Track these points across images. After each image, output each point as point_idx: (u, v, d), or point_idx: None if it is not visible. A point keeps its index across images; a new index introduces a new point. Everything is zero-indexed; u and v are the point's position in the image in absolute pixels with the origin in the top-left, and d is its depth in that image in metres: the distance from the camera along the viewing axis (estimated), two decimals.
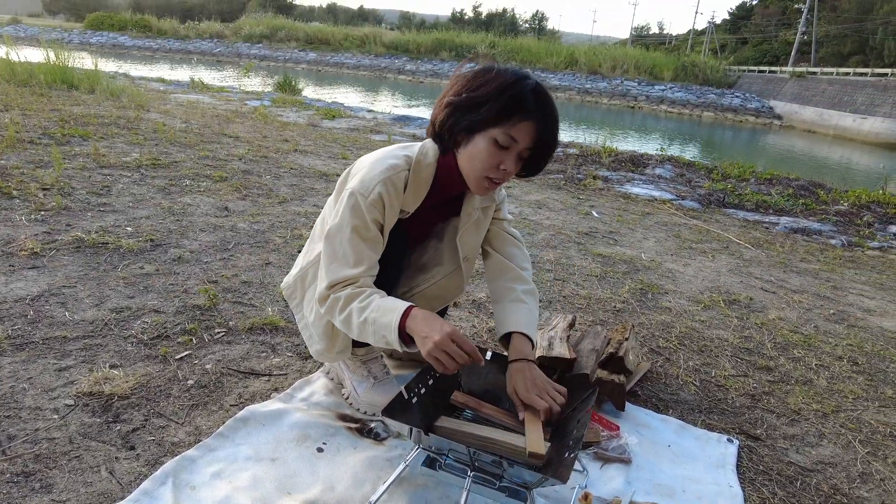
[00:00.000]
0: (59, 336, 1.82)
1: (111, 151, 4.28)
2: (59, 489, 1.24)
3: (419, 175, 1.45)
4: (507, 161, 1.37)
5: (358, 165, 1.50)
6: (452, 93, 1.39)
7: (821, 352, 2.51)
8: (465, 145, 1.40)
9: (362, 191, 1.39)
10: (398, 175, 1.42)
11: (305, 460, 1.42)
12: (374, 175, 1.40)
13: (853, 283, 3.67)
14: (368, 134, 7.37)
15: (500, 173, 1.39)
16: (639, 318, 2.63)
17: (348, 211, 1.39)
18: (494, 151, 1.36)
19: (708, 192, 6.15)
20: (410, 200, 1.46)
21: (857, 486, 1.62)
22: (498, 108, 1.33)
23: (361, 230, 1.39)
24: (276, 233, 3.09)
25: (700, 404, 1.95)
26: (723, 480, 1.54)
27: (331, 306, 1.41)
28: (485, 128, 1.35)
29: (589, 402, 1.37)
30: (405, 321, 1.30)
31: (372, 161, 1.45)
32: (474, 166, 1.39)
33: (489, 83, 1.35)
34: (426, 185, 1.46)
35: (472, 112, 1.35)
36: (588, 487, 1.45)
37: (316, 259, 1.57)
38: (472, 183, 1.43)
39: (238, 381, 1.75)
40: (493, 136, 1.34)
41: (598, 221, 4.46)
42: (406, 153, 1.47)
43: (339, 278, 1.39)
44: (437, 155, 1.46)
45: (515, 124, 1.33)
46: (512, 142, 1.35)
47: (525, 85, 1.34)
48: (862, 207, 5.88)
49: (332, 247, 1.41)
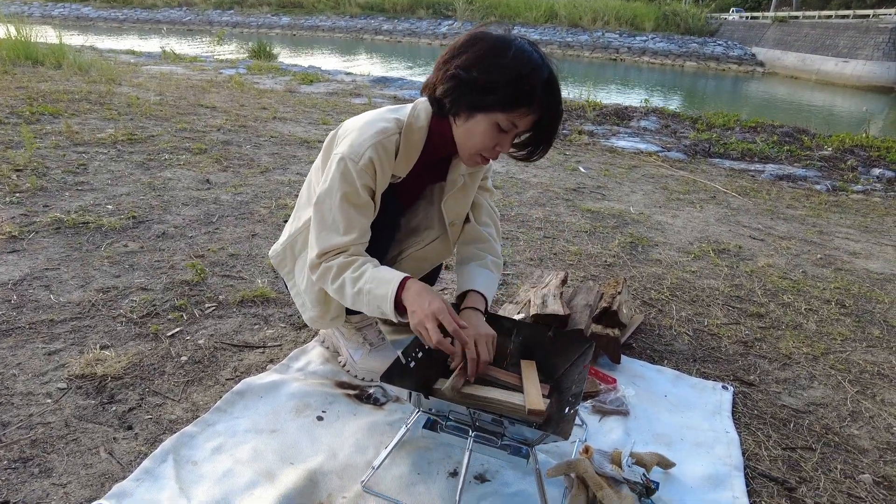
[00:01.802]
0: (45, 320, 1.78)
1: (84, 128, 4.14)
2: (58, 473, 1.23)
3: (411, 139, 1.40)
4: (503, 143, 1.35)
5: (346, 128, 1.45)
6: (461, 64, 1.30)
7: (809, 296, 2.54)
8: (465, 121, 1.35)
9: (352, 156, 1.34)
10: (389, 139, 1.37)
11: (306, 430, 1.42)
12: (365, 139, 1.35)
13: (839, 227, 3.71)
14: (348, 97, 7.21)
15: (494, 153, 1.37)
16: (630, 271, 2.64)
17: (338, 177, 1.35)
18: (494, 134, 1.33)
19: (693, 142, 6.12)
20: (402, 165, 1.42)
21: (848, 424, 1.66)
22: (508, 98, 1.28)
23: (352, 196, 1.36)
24: (260, 203, 3.04)
25: (694, 353, 1.98)
26: (719, 426, 1.57)
27: (322, 275, 1.38)
28: (489, 111, 1.30)
29: (586, 357, 1.38)
30: (401, 293, 1.29)
31: (361, 124, 1.40)
32: (471, 143, 1.36)
33: (504, 69, 1.27)
34: (417, 149, 1.42)
35: (479, 93, 1.29)
36: (588, 440, 1.47)
37: (304, 226, 1.53)
38: (465, 156, 1.41)
39: (232, 354, 1.73)
40: (496, 121, 1.31)
41: (585, 177, 4.43)
42: (397, 116, 1.42)
43: (330, 246, 1.36)
44: (430, 117, 1.41)
45: (521, 115, 1.30)
46: (513, 127, 1.32)
47: (539, 77, 1.28)
48: (846, 152, 5.89)
49: (322, 214, 1.38)
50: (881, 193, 4.84)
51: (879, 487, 1.41)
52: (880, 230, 3.71)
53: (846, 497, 1.37)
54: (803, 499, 1.35)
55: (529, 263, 2.60)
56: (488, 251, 1.62)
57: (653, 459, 1.34)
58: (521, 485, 1.30)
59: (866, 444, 1.57)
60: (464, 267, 1.59)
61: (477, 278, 1.53)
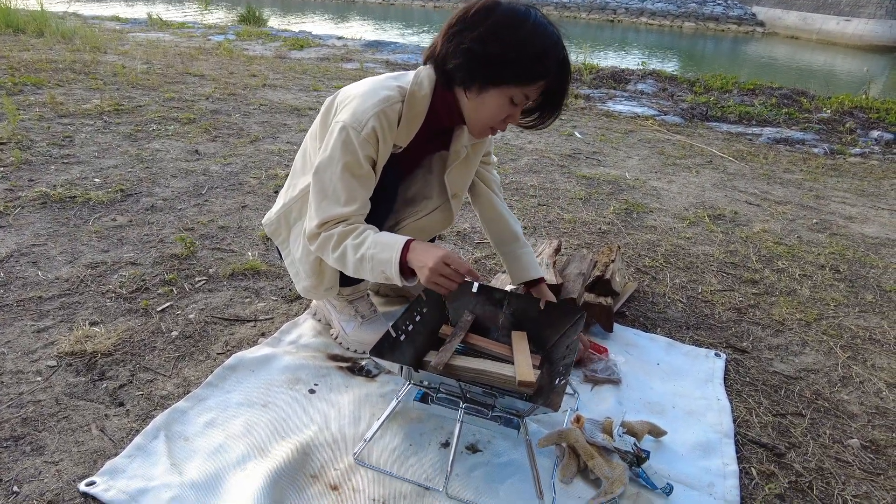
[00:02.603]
0: (33, 297, 1.77)
1: (69, 99, 4.05)
2: (50, 450, 1.23)
3: (413, 108, 1.36)
4: (514, 115, 1.35)
5: (345, 95, 1.40)
6: (476, 37, 1.26)
7: (804, 261, 2.53)
8: (477, 94, 1.32)
9: (355, 125, 1.31)
10: (392, 107, 1.34)
11: (298, 403, 1.42)
12: (367, 108, 1.31)
13: (835, 191, 3.68)
14: (339, 63, 7.06)
15: (504, 124, 1.37)
16: (624, 238, 2.62)
17: (339, 146, 1.32)
18: (507, 107, 1.32)
19: (691, 105, 6.04)
20: (404, 134, 1.39)
21: (838, 389, 1.67)
22: (525, 73, 1.26)
23: (353, 167, 1.33)
24: (249, 174, 2.99)
25: (687, 321, 1.98)
26: (711, 394, 1.58)
27: (322, 244, 1.36)
28: (504, 84, 1.28)
29: (578, 327, 1.37)
30: (406, 255, 1.28)
31: (363, 92, 1.35)
32: (482, 116, 1.35)
33: (523, 44, 1.24)
34: (420, 119, 1.39)
35: (495, 68, 1.27)
36: (580, 410, 1.47)
37: (299, 195, 1.51)
38: (475, 129, 1.40)
39: (223, 328, 1.72)
40: (511, 95, 1.29)
41: (581, 142, 4.37)
42: (399, 83, 1.38)
43: (330, 216, 1.34)
44: (433, 85, 1.37)
45: (536, 89, 1.29)
46: (525, 100, 1.31)
47: (557, 52, 1.27)
48: (845, 114, 5.82)
49: (322, 183, 1.35)
50: (879, 156, 4.80)
51: (867, 451, 1.43)
52: (877, 194, 3.69)
53: (834, 461, 1.39)
54: (792, 464, 1.37)
55: (524, 232, 2.58)
56: (515, 223, 1.74)
57: (644, 428, 1.35)
58: (512, 454, 1.31)
59: (855, 409, 1.59)
60: (510, 251, 1.70)
61: (531, 263, 1.68)
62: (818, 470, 1.35)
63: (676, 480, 1.27)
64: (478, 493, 1.21)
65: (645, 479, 1.24)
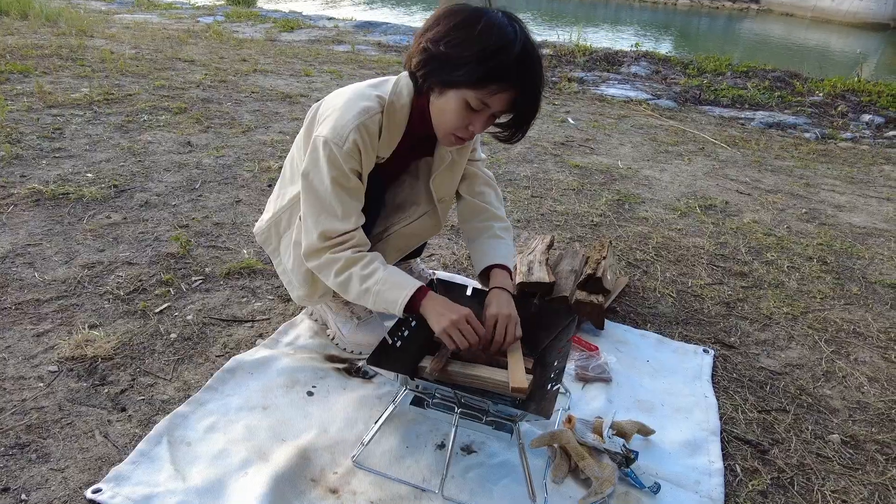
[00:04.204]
0: (31, 299, 1.78)
1: (57, 88, 4.00)
2: (55, 457, 1.26)
3: (393, 118, 1.36)
4: (476, 123, 1.30)
5: (327, 105, 1.40)
6: (431, 37, 1.26)
7: (792, 253, 2.57)
8: (437, 97, 1.31)
9: (336, 140, 1.31)
10: (372, 119, 1.33)
11: (297, 405, 1.46)
12: (347, 121, 1.31)
13: (825, 178, 3.72)
14: (330, 45, 6.98)
15: (468, 133, 1.33)
16: (616, 230, 2.65)
17: (325, 162, 1.32)
18: (465, 113, 1.28)
19: (684, 89, 6.03)
20: (385, 145, 1.39)
21: (822, 384, 1.72)
22: (475, 75, 1.22)
23: (342, 180, 1.34)
24: (242, 166, 2.99)
25: (677, 316, 2.02)
26: (699, 391, 1.62)
27: (326, 265, 1.37)
28: (458, 87, 1.26)
29: (569, 330, 1.40)
30: (419, 301, 1.32)
31: (343, 103, 1.35)
32: (443, 121, 1.33)
33: (470, 43, 1.21)
34: (401, 128, 1.38)
35: (447, 69, 1.25)
36: (571, 409, 1.51)
37: (289, 204, 1.52)
38: (440, 135, 1.38)
39: (221, 329, 1.75)
40: (466, 99, 1.26)
41: (574, 129, 4.37)
42: (378, 92, 1.37)
43: (332, 230, 1.36)
44: (412, 94, 1.36)
45: (492, 93, 1.24)
46: (484, 107, 1.27)
47: (509, 54, 1.21)
48: (837, 97, 5.84)
49: (316, 198, 1.36)
50: (869, 141, 4.83)
51: (846, 447, 1.48)
52: (866, 181, 3.73)
53: (815, 457, 1.44)
54: (774, 460, 1.42)
55: (516, 225, 2.60)
56: (491, 219, 1.62)
57: (633, 428, 1.39)
58: (506, 455, 1.35)
59: (837, 404, 1.64)
60: (475, 243, 1.60)
61: (491, 251, 1.55)
62: (800, 466, 1.41)
63: (664, 479, 1.32)
64: (472, 494, 1.25)
65: (633, 478, 1.29)
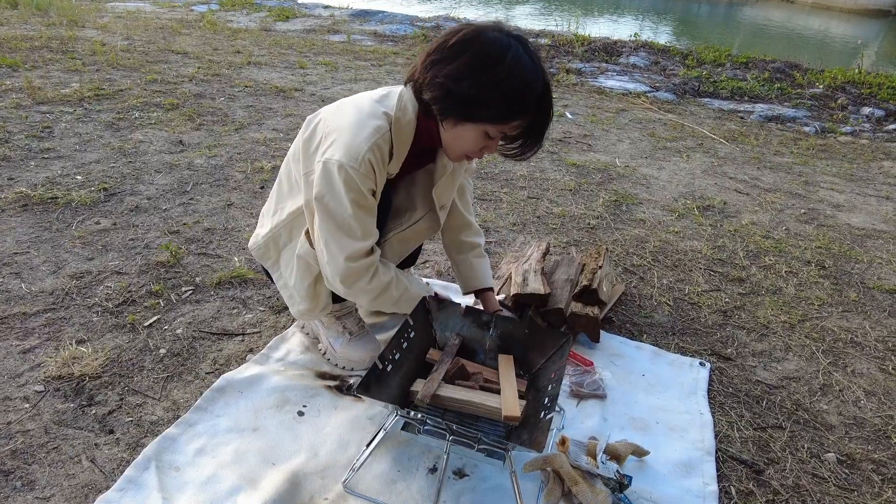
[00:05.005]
0: (18, 313, 1.75)
1: (47, 83, 3.94)
2: (41, 485, 1.24)
3: (401, 136, 1.37)
4: (491, 147, 1.36)
5: (331, 124, 1.38)
6: (451, 73, 1.25)
7: (790, 257, 2.55)
8: (453, 126, 1.33)
9: (352, 163, 1.30)
10: (384, 137, 1.34)
11: (287, 427, 1.44)
12: (360, 142, 1.30)
13: (824, 175, 3.68)
14: (326, 35, 6.88)
15: (480, 154, 1.38)
16: (613, 234, 2.62)
17: (342, 186, 1.31)
18: (482, 141, 1.33)
19: (683, 80, 5.97)
20: (395, 162, 1.40)
21: (818, 399, 1.71)
22: (500, 113, 1.27)
23: (361, 201, 1.34)
24: (235, 167, 2.95)
25: (674, 326, 2.00)
26: (694, 408, 1.61)
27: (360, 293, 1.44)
28: (479, 122, 1.29)
29: (563, 352, 1.38)
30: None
31: (351, 123, 1.33)
32: (458, 146, 1.36)
33: (497, 84, 1.23)
34: (408, 144, 1.39)
35: (470, 107, 1.27)
36: (566, 427, 1.50)
37: (288, 219, 1.50)
38: (451, 156, 1.42)
39: (211, 343, 1.72)
40: (486, 130, 1.30)
41: (572, 124, 4.33)
42: (384, 109, 1.36)
43: (357, 252, 1.37)
44: (416, 109, 1.36)
45: (513, 128, 1.30)
46: (501, 135, 1.32)
47: (533, 93, 1.25)
48: (837, 89, 5.78)
49: (336, 222, 1.35)
50: (869, 135, 4.79)
51: (842, 466, 1.47)
52: (865, 178, 3.70)
53: (810, 477, 1.43)
54: (770, 481, 1.41)
55: (512, 229, 2.58)
56: (475, 235, 1.76)
57: (627, 450, 1.38)
58: (499, 479, 1.33)
59: (834, 420, 1.62)
60: (462, 259, 1.73)
61: (481, 271, 1.71)
62: (795, 487, 1.40)
63: (658, 502, 1.31)
64: None
65: (627, 502, 1.27)
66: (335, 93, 4.37)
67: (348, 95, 1.50)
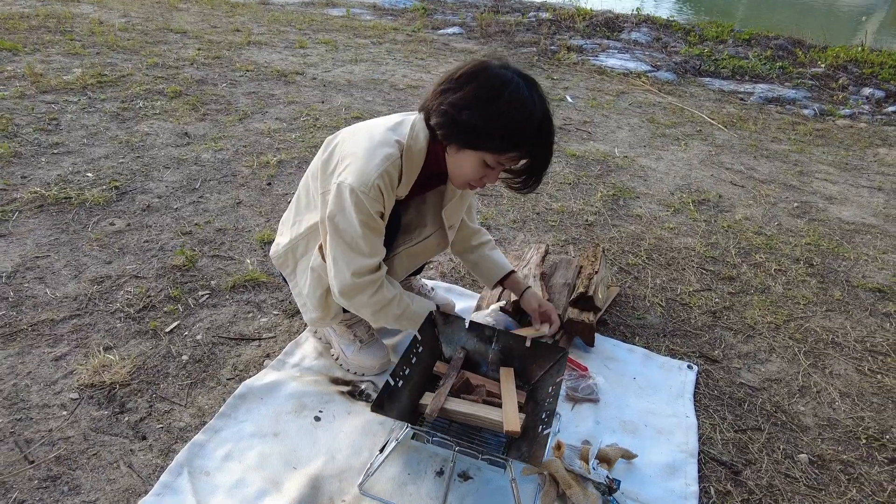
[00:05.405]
0: (46, 319, 1.86)
1: (49, 69, 3.95)
2: (86, 490, 1.37)
3: (411, 162, 1.45)
4: (490, 176, 1.43)
5: (346, 150, 1.47)
6: (455, 102, 1.34)
7: (780, 254, 2.65)
8: (455, 152, 1.41)
9: (362, 188, 1.39)
10: (393, 164, 1.42)
11: (305, 432, 1.56)
12: (371, 169, 1.39)
13: (820, 164, 3.75)
14: (324, 8, 6.81)
15: (482, 183, 1.45)
16: (610, 231, 2.71)
17: (352, 207, 1.41)
18: (481, 170, 1.40)
19: (684, 58, 5.95)
20: (404, 187, 1.49)
21: (796, 400, 1.83)
22: (497, 144, 1.34)
23: (369, 222, 1.44)
24: (241, 161, 3.01)
25: (665, 327, 2.11)
26: (681, 411, 1.73)
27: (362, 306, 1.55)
28: (479, 150, 1.37)
29: (561, 367, 1.49)
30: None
31: (364, 150, 1.43)
32: (460, 173, 1.44)
33: (496, 116, 1.31)
34: (417, 170, 1.48)
35: (469, 135, 1.35)
36: (561, 431, 1.62)
37: (306, 232, 1.61)
38: (455, 183, 1.50)
39: (230, 349, 1.83)
40: (484, 159, 1.37)
41: (572, 109, 4.36)
42: (397, 137, 1.45)
43: (362, 268, 1.48)
44: (427, 138, 1.44)
45: (510, 159, 1.37)
46: (500, 166, 1.39)
47: (530, 127, 1.32)
48: (839, 69, 5.78)
49: (345, 241, 1.46)
50: (868, 118, 4.83)
51: (813, 467, 1.60)
52: (860, 167, 3.77)
53: (783, 478, 1.56)
54: (746, 481, 1.54)
55: (512, 227, 2.66)
56: (484, 236, 1.91)
57: (617, 454, 1.51)
58: (500, 481, 1.46)
59: (809, 422, 1.75)
60: (480, 256, 1.87)
61: (500, 261, 1.87)
62: (768, 487, 1.53)
63: (643, 503, 1.44)
64: None
65: None
66: (336, 76, 4.38)
67: (349, 78, 1.60)
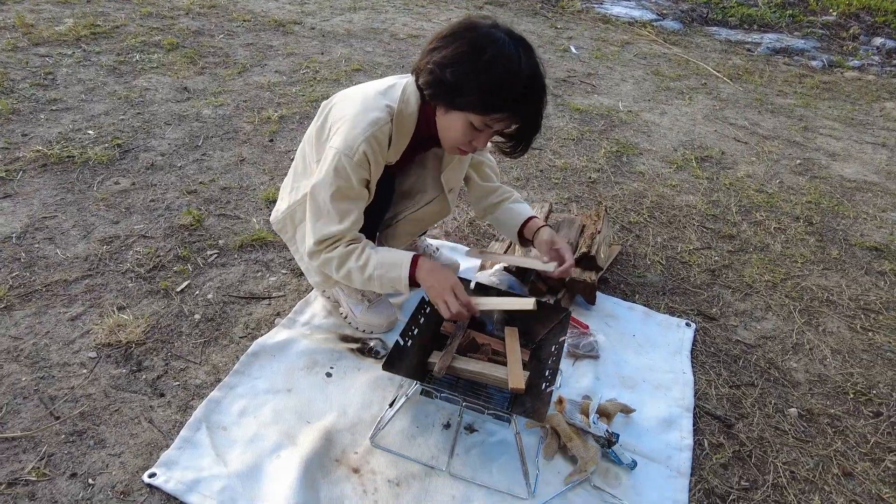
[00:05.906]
0: (59, 280, 1.89)
1: (39, 19, 3.85)
2: (111, 443, 1.44)
3: (402, 126, 1.43)
4: (479, 140, 1.39)
5: (337, 113, 1.46)
6: (438, 60, 1.30)
7: (780, 212, 2.67)
8: (443, 114, 1.38)
9: (347, 151, 1.38)
10: (382, 129, 1.40)
11: (317, 387, 1.63)
12: (358, 133, 1.38)
13: (825, 119, 3.72)
14: None
15: (471, 147, 1.42)
16: (613, 189, 2.72)
17: (332, 172, 1.40)
18: (469, 132, 1.36)
19: (691, 6, 5.79)
20: (394, 152, 1.47)
21: (789, 357, 1.90)
22: (480, 103, 1.30)
23: (346, 190, 1.43)
24: (242, 117, 2.99)
25: (665, 285, 2.16)
26: (678, 367, 1.80)
27: (324, 264, 1.50)
28: (462, 110, 1.33)
29: (564, 327, 1.54)
30: (414, 271, 1.45)
31: (353, 115, 1.41)
32: (448, 136, 1.41)
33: (475, 74, 1.26)
34: (409, 135, 1.46)
35: (452, 94, 1.31)
36: (563, 385, 1.69)
37: (302, 198, 1.61)
38: (445, 146, 1.47)
39: (241, 307, 1.88)
40: (470, 120, 1.33)
41: (576, 61, 4.28)
42: (387, 101, 1.43)
43: (325, 235, 1.47)
44: (419, 101, 1.42)
45: (496, 120, 1.32)
46: (487, 128, 1.35)
47: (513, 87, 1.27)
48: (851, 17, 5.63)
49: (317, 204, 1.46)
50: (877, 69, 4.75)
51: (802, 420, 1.68)
52: (865, 122, 3.74)
53: (773, 431, 1.64)
54: (738, 434, 1.62)
55: (515, 185, 2.67)
56: (505, 193, 1.81)
57: (616, 409, 1.58)
58: (504, 433, 1.54)
59: (801, 377, 1.82)
60: (499, 210, 1.78)
61: (520, 209, 1.77)
62: (759, 440, 1.61)
63: (640, 454, 1.52)
64: (474, 470, 1.45)
65: (614, 456, 1.49)
66: (335, 25, 4.26)
67: (348, 27, 1.57)
